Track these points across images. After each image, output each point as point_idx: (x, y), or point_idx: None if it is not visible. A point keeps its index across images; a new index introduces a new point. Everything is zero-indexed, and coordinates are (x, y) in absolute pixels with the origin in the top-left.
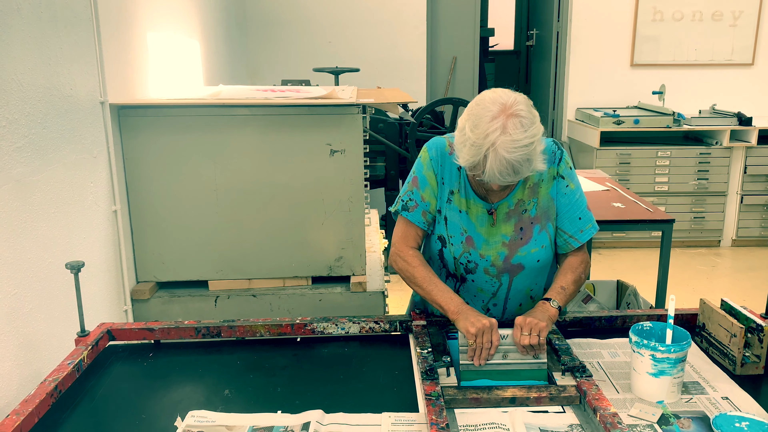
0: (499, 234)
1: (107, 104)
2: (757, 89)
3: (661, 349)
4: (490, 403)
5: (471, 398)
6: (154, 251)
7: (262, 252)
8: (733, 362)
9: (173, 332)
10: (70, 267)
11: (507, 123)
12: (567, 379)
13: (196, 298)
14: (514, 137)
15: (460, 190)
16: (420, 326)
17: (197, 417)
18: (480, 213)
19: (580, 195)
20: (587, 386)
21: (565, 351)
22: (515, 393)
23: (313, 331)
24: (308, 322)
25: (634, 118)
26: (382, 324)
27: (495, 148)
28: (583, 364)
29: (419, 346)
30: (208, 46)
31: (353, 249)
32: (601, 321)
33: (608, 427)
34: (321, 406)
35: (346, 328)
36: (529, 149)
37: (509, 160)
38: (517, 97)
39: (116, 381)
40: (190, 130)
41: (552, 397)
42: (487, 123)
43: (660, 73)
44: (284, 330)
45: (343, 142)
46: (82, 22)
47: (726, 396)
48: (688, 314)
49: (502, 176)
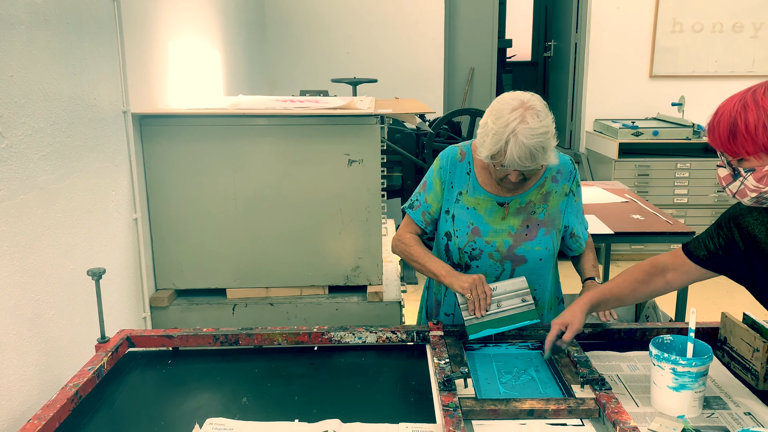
0: (507, 225)
1: (129, 113)
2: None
3: (682, 363)
4: (508, 415)
5: (489, 410)
6: (174, 259)
7: (279, 261)
8: (756, 377)
9: (192, 339)
10: (92, 274)
11: (525, 114)
12: (586, 392)
13: (214, 306)
14: (532, 125)
15: (469, 191)
16: (437, 336)
17: (215, 424)
18: (489, 206)
19: (581, 203)
20: (606, 399)
21: (583, 363)
22: (533, 405)
23: (330, 340)
24: (325, 331)
25: (653, 130)
26: (399, 334)
27: (515, 134)
28: (602, 377)
29: (436, 356)
30: (228, 56)
31: (370, 259)
32: (620, 333)
33: None
34: (338, 415)
35: (363, 338)
36: (545, 138)
37: (527, 146)
38: (533, 95)
39: (135, 388)
40: (210, 140)
41: (571, 409)
42: (507, 114)
43: (679, 85)
44: (302, 339)
45: (361, 152)
46: (106, 32)
47: (749, 411)
48: (709, 328)
49: (522, 161)
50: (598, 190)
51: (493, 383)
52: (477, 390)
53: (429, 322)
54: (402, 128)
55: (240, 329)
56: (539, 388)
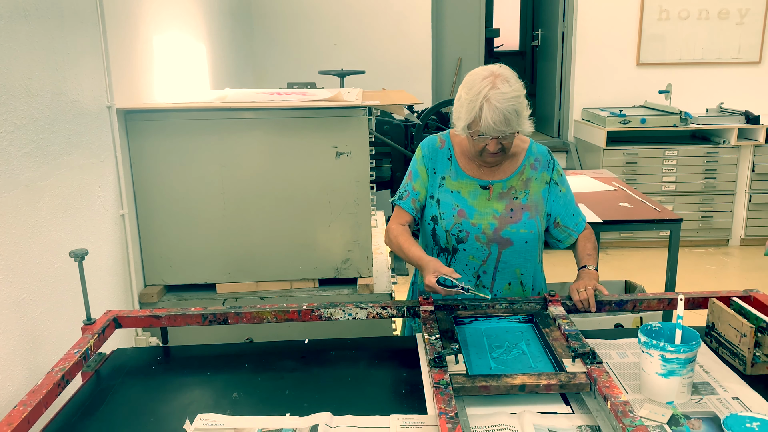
0: (491, 208)
1: (114, 109)
2: (764, 87)
3: (670, 350)
4: (499, 391)
5: (480, 386)
6: (162, 254)
7: (269, 254)
8: (744, 362)
9: (179, 319)
10: (74, 255)
11: (496, 81)
12: (577, 366)
13: (204, 300)
14: (503, 90)
15: (452, 175)
16: (428, 312)
17: (206, 420)
18: (473, 189)
19: (570, 196)
20: (598, 373)
21: (574, 337)
22: (524, 381)
23: (320, 317)
24: (315, 308)
25: (641, 118)
26: (389, 309)
27: (488, 100)
28: (593, 351)
29: (427, 332)
30: (214, 49)
31: (360, 251)
32: (611, 305)
33: (619, 416)
34: (329, 408)
35: (353, 314)
36: (517, 101)
37: (501, 110)
38: (502, 66)
39: (126, 386)
40: (197, 134)
41: (562, 384)
42: (479, 83)
43: (666, 72)
44: (291, 316)
45: (349, 144)
46: (89, 27)
47: (736, 396)
48: (699, 297)
49: (497, 125)
50: (586, 178)
51: (484, 358)
52: (468, 366)
53: (419, 297)
54: (390, 120)
55: (229, 308)
56: (530, 362)
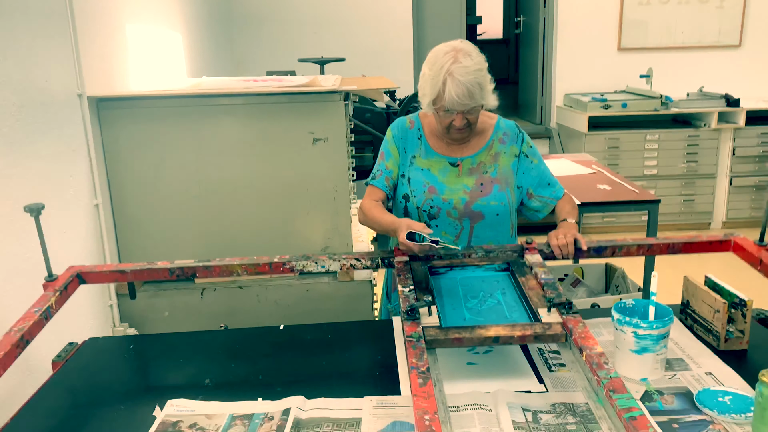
0: (462, 184)
1: (84, 97)
2: (744, 70)
3: (643, 326)
4: (472, 343)
5: (453, 338)
6: (139, 245)
7: (247, 243)
8: (717, 338)
9: (146, 273)
10: (29, 210)
11: (457, 55)
12: (553, 317)
13: (182, 291)
14: (465, 64)
15: (422, 154)
16: (402, 263)
17: (176, 406)
18: (442, 167)
19: (544, 166)
20: (573, 324)
21: (551, 286)
22: (498, 332)
23: (292, 269)
24: (287, 261)
25: (622, 102)
26: (363, 261)
27: (451, 74)
28: (569, 301)
29: (401, 283)
30: (191, 39)
31: (340, 238)
32: (590, 251)
33: (594, 368)
34: (303, 392)
35: (326, 266)
36: (479, 74)
37: (464, 83)
38: (464, 41)
39: (97, 373)
40: (171, 122)
41: (537, 335)
42: (441, 58)
43: (647, 57)
44: (261, 269)
45: (326, 130)
46: (56, 15)
47: (710, 371)
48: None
49: (461, 99)
50: (566, 162)
51: (458, 309)
52: (442, 317)
53: (394, 248)
54: (372, 107)
55: (197, 261)
56: (505, 312)
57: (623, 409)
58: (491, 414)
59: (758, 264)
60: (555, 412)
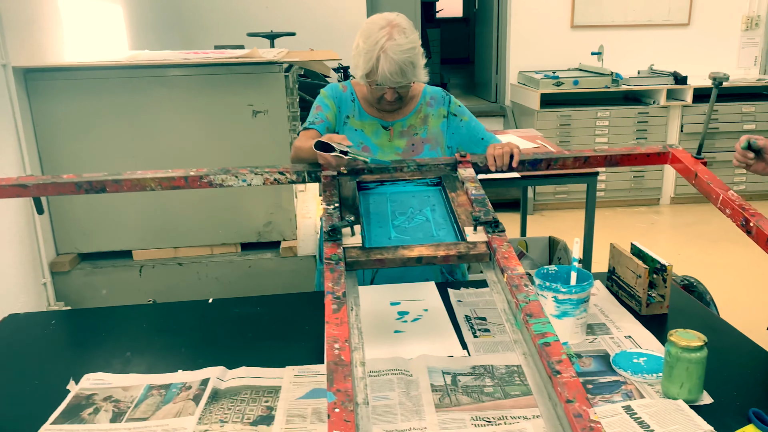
0: (394, 146)
1: (9, 67)
2: (692, 49)
3: (562, 290)
4: (395, 264)
5: (375, 259)
6: (74, 222)
7: (187, 219)
8: (639, 303)
9: (51, 188)
10: None
11: (392, 32)
12: (479, 235)
13: (120, 268)
14: (399, 42)
15: (355, 116)
16: (329, 177)
17: (93, 380)
18: (375, 129)
19: (475, 123)
20: (498, 243)
21: (480, 202)
22: (422, 252)
23: (210, 183)
24: (204, 174)
25: (574, 80)
26: (288, 175)
27: (385, 51)
28: (496, 219)
29: (326, 200)
30: (132, 11)
31: (283, 213)
32: (524, 165)
33: (514, 290)
34: (225, 363)
35: (247, 180)
36: (412, 53)
37: (397, 62)
38: (399, 15)
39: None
40: (105, 94)
41: (461, 255)
42: (376, 33)
43: (600, 34)
44: (177, 183)
45: (265, 102)
46: None
47: (629, 335)
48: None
49: (393, 77)
50: (512, 136)
51: (385, 227)
52: (367, 236)
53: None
54: (323, 83)
55: (106, 175)
56: (433, 230)
57: (538, 335)
58: (411, 379)
59: (693, 177)
60: (474, 374)
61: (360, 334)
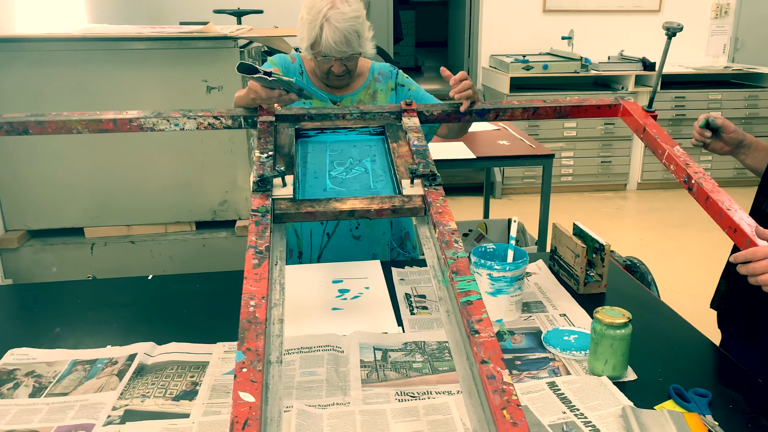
0: None
1: None
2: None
3: (497, 268)
4: (326, 217)
5: (305, 212)
6: (24, 197)
7: (140, 197)
8: (577, 282)
9: None
10: None
11: (335, 1)
12: (416, 189)
13: (71, 246)
14: (343, 10)
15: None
16: (266, 123)
17: (17, 355)
18: (323, 103)
19: (423, 92)
20: (434, 197)
21: (421, 153)
22: (354, 205)
23: (141, 127)
24: (134, 117)
25: (543, 64)
26: (223, 120)
27: (328, 20)
28: (434, 172)
29: (259, 148)
30: None
31: (238, 192)
32: (472, 114)
33: (443, 246)
34: (156, 339)
35: (180, 124)
36: (357, 22)
37: (341, 30)
38: None
39: None
40: (56, 67)
41: (395, 208)
42: (319, 2)
43: (571, 19)
44: (106, 126)
45: (219, 78)
46: None
47: (564, 313)
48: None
49: (338, 46)
50: None
51: (321, 178)
52: (301, 187)
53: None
54: None
55: (28, 115)
56: (370, 182)
57: (462, 293)
58: (342, 355)
59: (642, 131)
60: (405, 350)
61: (282, 290)
